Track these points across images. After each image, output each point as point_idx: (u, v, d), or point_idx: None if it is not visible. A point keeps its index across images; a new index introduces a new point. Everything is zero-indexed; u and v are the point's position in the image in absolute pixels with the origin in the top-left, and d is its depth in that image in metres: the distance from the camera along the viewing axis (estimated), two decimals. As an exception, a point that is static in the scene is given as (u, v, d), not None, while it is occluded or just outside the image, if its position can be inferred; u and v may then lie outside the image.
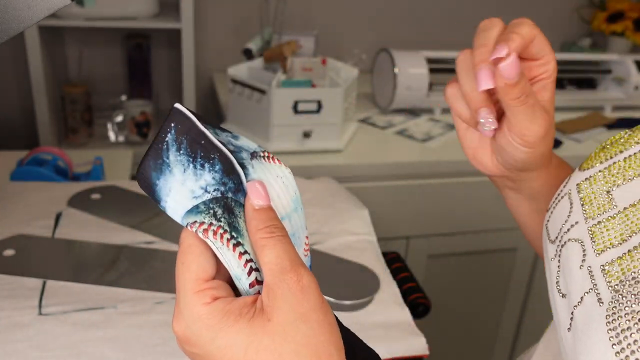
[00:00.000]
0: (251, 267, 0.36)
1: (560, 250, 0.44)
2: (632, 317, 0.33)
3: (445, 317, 1.58)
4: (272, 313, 0.34)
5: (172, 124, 0.36)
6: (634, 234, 0.38)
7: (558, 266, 0.43)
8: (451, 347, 1.67)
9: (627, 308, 0.34)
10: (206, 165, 0.37)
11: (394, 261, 1.06)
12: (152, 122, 1.74)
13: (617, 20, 2.03)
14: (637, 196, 0.40)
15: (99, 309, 0.71)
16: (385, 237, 1.35)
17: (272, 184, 0.39)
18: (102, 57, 1.87)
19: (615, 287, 0.36)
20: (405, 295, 0.94)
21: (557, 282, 0.43)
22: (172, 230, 0.87)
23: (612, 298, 0.35)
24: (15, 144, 1.83)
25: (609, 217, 0.41)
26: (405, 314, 0.84)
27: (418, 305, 0.95)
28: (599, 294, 0.37)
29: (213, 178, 0.37)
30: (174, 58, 1.92)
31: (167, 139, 0.36)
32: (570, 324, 0.39)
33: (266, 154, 0.40)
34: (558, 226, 0.45)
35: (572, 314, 0.39)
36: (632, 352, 0.32)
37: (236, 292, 0.37)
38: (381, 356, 0.41)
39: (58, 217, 0.88)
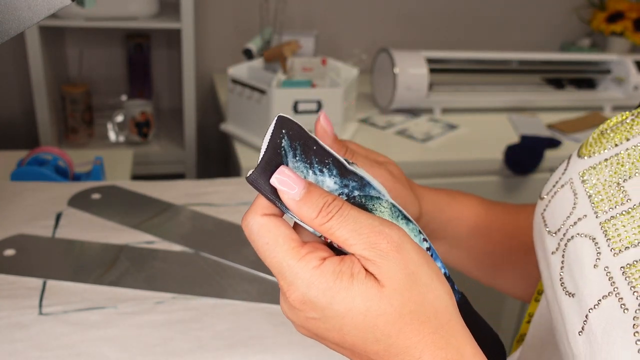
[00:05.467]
0: None
1: (565, 245, 0.42)
2: None
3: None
4: (383, 280, 0.34)
5: (284, 131, 0.35)
6: None
7: (562, 262, 0.42)
8: (451, 347, 1.66)
9: None
10: (324, 170, 0.36)
11: (393, 261, 1.06)
12: (152, 122, 1.75)
13: (617, 20, 2.03)
14: None
15: (99, 308, 0.71)
16: (385, 237, 1.35)
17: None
18: (102, 57, 1.88)
19: None
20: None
21: (561, 279, 0.41)
22: (172, 230, 0.87)
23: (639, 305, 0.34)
24: (15, 144, 1.84)
25: (624, 212, 0.38)
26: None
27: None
28: (621, 299, 0.35)
29: (335, 182, 0.36)
30: (174, 58, 1.93)
31: (283, 144, 0.35)
32: (582, 327, 0.37)
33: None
34: (560, 218, 0.43)
35: (586, 317, 0.37)
36: None
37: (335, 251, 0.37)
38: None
39: (58, 217, 0.88)
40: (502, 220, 0.60)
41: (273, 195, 0.35)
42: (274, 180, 0.34)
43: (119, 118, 1.75)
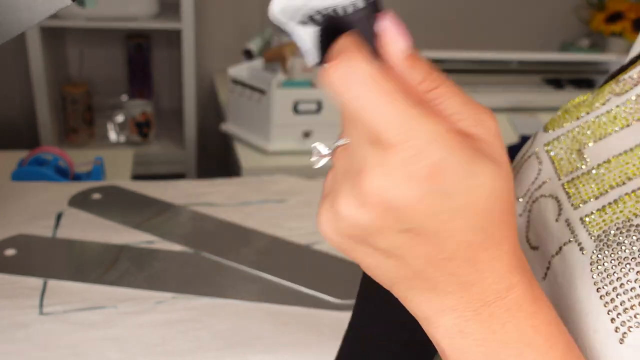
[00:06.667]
0: None
1: (530, 206, 0.45)
2: (619, 262, 0.34)
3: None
4: (500, 160, 0.28)
5: None
6: (611, 189, 0.39)
7: (527, 222, 0.44)
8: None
9: (612, 255, 0.35)
10: None
11: (393, 261, 1.06)
12: (153, 122, 1.75)
13: (616, 20, 2.03)
14: (610, 153, 0.41)
15: (99, 308, 0.72)
16: (385, 237, 1.35)
17: None
18: (102, 57, 1.88)
19: (599, 236, 0.37)
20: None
21: (526, 237, 0.44)
22: (172, 230, 0.87)
23: (596, 247, 0.36)
24: (16, 144, 1.84)
25: (583, 174, 0.41)
26: (404, 313, 0.84)
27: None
28: (580, 243, 0.37)
29: None
30: (174, 58, 1.93)
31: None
32: (545, 273, 0.40)
33: None
34: (526, 184, 0.46)
35: (549, 263, 0.39)
36: (618, 295, 0.33)
37: None
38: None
39: (59, 217, 0.89)
40: None
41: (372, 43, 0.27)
42: (386, 23, 0.27)
43: (119, 118, 1.75)
